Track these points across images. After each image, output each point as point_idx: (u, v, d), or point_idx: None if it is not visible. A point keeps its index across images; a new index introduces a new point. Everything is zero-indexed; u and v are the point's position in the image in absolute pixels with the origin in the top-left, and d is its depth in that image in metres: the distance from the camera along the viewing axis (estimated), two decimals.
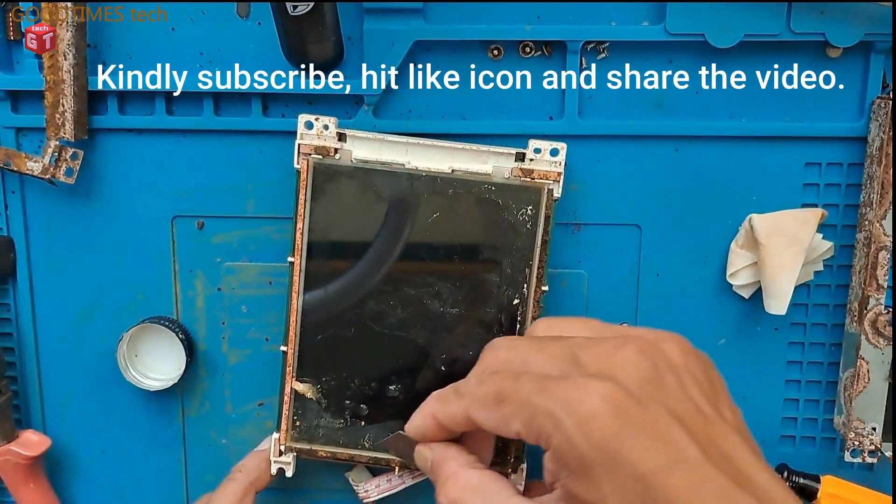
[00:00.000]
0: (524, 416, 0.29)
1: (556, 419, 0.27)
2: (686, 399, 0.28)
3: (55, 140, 0.41)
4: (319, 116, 0.39)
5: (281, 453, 0.42)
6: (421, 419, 0.34)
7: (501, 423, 0.30)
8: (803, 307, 0.44)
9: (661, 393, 0.28)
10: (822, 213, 0.42)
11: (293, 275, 0.40)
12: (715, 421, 0.28)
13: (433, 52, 0.41)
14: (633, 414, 0.27)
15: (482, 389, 0.31)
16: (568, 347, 0.30)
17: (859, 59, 0.41)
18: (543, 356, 0.30)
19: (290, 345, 0.41)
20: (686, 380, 0.29)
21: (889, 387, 0.42)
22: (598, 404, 0.27)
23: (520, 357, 0.31)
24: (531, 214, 0.39)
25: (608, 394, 0.27)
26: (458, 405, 0.32)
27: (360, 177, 0.39)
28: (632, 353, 0.28)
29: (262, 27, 0.41)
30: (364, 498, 0.44)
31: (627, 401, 0.27)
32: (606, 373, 0.28)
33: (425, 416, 0.34)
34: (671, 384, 0.28)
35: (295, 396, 0.41)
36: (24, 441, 0.44)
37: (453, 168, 0.39)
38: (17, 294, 0.45)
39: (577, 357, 0.29)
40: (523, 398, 0.29)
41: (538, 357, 0.31)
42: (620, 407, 0.27)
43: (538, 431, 0.28)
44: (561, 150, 0.39)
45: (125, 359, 0.44)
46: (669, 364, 0.29)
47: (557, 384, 0.28)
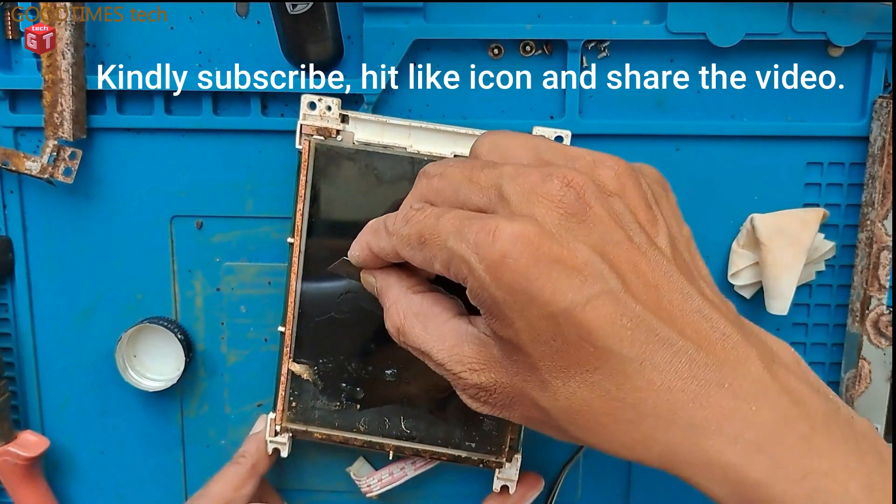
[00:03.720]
0: (442, 259, 0.29)
1: (469, 264, 0.27)
2: (613, 229, 0.27)
3: (54, 140, 0.41)
4: (322, 97, 0.39)
5: (276, 434, 0.42)
6: (359, 249, 0.34)
7: (425, 263, 0.30)
8: (805, 307, 0.44)
9: (584, 227, 0.27)
10: (824, 212, 0.42)
11: (292, 256, 0.40)
12: (646, 250, 0.28)
13: (433, 52, 0.41)
14: (547, 252, 0.26)
15: (406, 230, 0.30)
16: (496, 178, 0.29)
17: (861, 59, 0.41)
18: (472, 188, 0.30)
19: (288, 326, 0.41)
20: (617, 208, 0.28)
21: (890, 387, 0.42)
22: (509, 246, 0.26)
23: (450, 187, 0.30)
24: None
25: (521, 234, 0.26)
26: (387, 241, 0.32)
27: (361, 159, 0.39)
28: (556, 186, 0.27)
29: (261, 27, 0.41)
30: (367, 492, 0.44)
31: (542, 239, 0.26)
32: (528, 208, 0.27)
33: (362, 247, 0.34)
34: (598, 215, 0.27)
35: (291, 378, 0.41)
36: (22, 442, 0.44)
37: (455, 153, 0.39)
38: (15, 294, 0.45)
39: (503, 190, 0.28)
40: (441, 241, 0.28)
41: (466, 189, 0.30)
42: (534, 246, 0.26)
43: (455, 273, 0.28)
44: (565, 139, 0.39)
45: (124, 359, 0.44)
46: (600, 193, 0.28)
47: (472, 226, 0.27)
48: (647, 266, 0.27)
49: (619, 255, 0.27)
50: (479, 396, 0.30)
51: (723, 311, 0.28)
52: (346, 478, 0.45)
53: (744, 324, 0.29)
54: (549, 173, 0.28)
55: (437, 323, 0.31)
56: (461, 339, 0.30)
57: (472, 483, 0.45)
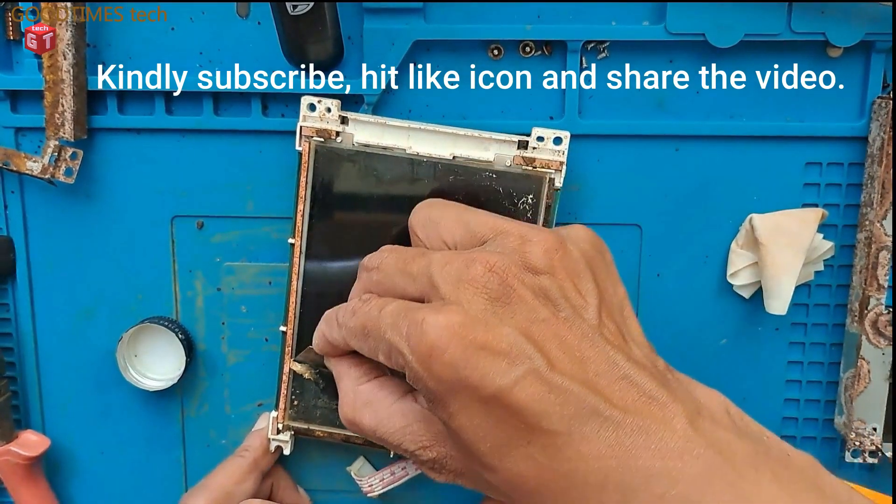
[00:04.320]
0: (383, 351, 0.30)
1: (404, 356, 0.28)
2: (538, 308, 0.28)
3: (55, 140, 0.41)
4: (322, 98, 0.39)
5: (279, 431, 0.42)
6: (317, 339, 0.36)
7: (371, 353, 0.32)
8: (804, 307, 0.44)
9: (508, 309, 0.28)
10: (823, 212, 0.42)
11: (293, 257, 0.40)
12: (573, 323, 0.29)
13: (433, 52, 0.41)
14: (473, 339, 0.27)
15: (353, 322, 0.32)
16: (426, 267, 0.30)
17: (860, 59, 0.41)
18: (406, 279, 0.31)
19: (290, 325, 0.41)
20: (544, 284, 0.29)
21: (890, 387, 0.42)
22: (435, 338, 0.27)
23: (388, 279, 0.32)
24: (532, 203, 0.39)
25: (446, 324, 0.27)
26: (338, 332, 0.34)
27: (361, 160, 0.39)
28: (480, 272, 0.29)
29: (262, 27, 0.41)
30: (368, 492, 0.44)
31: (467, 327, 0.27)
32: (455, 295, 0.29)
33: (319, 336, 0.36)
34: (521, 296, 0.29)
35: (293, 377, 0.41)
36: (23, 441, 0.44)
37: (455, 154, 0.39)
38: (16, 294, 0.45)
39: (433, 279, 0.30)
40: (381, 334, 0.30)
41: (402, 280, 0.32)
42: (459, 335, 0.27)
43: (395, 364, 0.30)
44: (564, 139, 0.39)
45: (125, 359, 0.44)
46: (523, 273, 0.29)
47: (405, 319, 0.29)
48: (573, 339, 0.28)
49: (544, 332, 0.28)
50: (434, 468, 0.32)
51: (651, 371, 0.28)
52: (346, 477, 0.46)
53: (671, 380, 0.29)
54: (472, 259, 0.29)
55: (385, 406, 0.33)
56: (409, 418, 0.32)
57: None
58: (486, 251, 0.30)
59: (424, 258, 0.31)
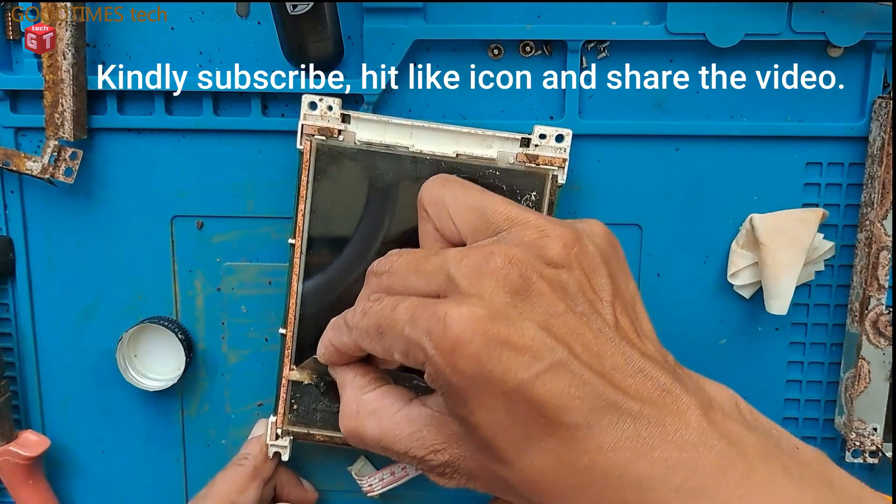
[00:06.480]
0: (400, 348, 0.30)
1: (425, 351, 0.28)
2: (556, 302, 0.28)
3: (54, 140, 0.41)
4: (323, 97, 0.39)
5: (278, 437, 0.42)
6: (323, 348, 0.36)
7: (385, 353, 0.31)
8: (804, 307, 0.44)
9: (528, 302, 0.28)
10: (823, 212, 0.42)
11: (293, 257, 0.40)
12: (589, 318, 0.29)
13: (433, 52, 0.41)
14: (495, 334, 0.27)
15: (364, 322, 0.31)
16: (441, 264, 0.30)
17: (860, 59, 0.41)
18: (420, 278, 0.31)
19: (290, 328, 0.41)
20: (562, 278, 0.29)
21: (890, 387, 0.42)
22: (461, 331, 0.27)
23: (400, 282, 0.32)
24: (535, 200, 0.39)
25: (469, 318, 0.27)
26: (348, 336, 0.33)
27: (363, 159, 0.39)
28: (499, 265, 0.28)
29: (261, 27, 0.41)
30: (368, 492, 0.44)
31: (490, 321, 0.27)
32: (476, 288, 0.28)
33: (326, 345, 0.35)
34: (540, 290, 0.28)
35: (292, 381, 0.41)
36: (23, 441, 0.44)
37: (458, 152, 0.39)
38: (16, 294, 0.45)
39: (450, 274, 0.29)
40: (398, 330, 0.29)
41: (415, 279, 0.31)
42: (483, 329, 0.27)
43: (414, 360, 0.29)
44: (566, 137, 0.39)
45: (125, 359, 0.44)
46: (542, 266, 0.29)
47: (424, 313, 0.28)
48: (590, 333, 0.28)
49: (564, 327, 0.28)
50: (445, 473, 0.31)
51: (663, 365, 0.29)
52: (347, 477, 0.46)
53: (682, 374, 0.30)
54: (491, 252, 0.29)
55: (390, 414, 0.33)
56: (417, 423, 0.32)
57: None
58: (504, 243, 0.30)
59: (438, 256, 0.31)
